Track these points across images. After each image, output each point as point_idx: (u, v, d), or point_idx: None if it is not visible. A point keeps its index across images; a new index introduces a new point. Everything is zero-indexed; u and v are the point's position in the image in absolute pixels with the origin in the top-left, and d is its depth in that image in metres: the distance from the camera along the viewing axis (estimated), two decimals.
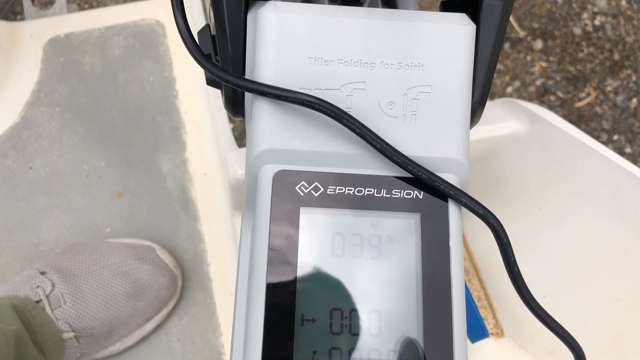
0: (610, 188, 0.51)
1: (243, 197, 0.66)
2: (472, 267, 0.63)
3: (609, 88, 1.62)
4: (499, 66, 1.62)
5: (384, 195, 0.30)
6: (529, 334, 0.58)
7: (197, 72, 0.80)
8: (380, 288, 0.28)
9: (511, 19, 1.63)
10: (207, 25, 0.36)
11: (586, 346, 0.52)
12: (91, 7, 1.70)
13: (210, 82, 0.34)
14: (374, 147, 0.29)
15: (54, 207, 0.77)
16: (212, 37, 0.35)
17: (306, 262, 0.28)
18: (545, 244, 0.56)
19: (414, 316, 0.28)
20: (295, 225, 0.29)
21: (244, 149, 0.63)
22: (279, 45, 0.30)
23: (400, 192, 0.30)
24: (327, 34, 0.30)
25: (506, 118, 0.56)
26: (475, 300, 0.61)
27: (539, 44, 1.63)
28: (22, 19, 1.12)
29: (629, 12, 1.69)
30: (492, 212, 0.31)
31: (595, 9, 1.69)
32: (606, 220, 0.52)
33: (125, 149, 0.79)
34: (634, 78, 1.63)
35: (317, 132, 0.30)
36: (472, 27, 0.31)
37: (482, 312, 0.60)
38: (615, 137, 1.60)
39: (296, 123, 0.30)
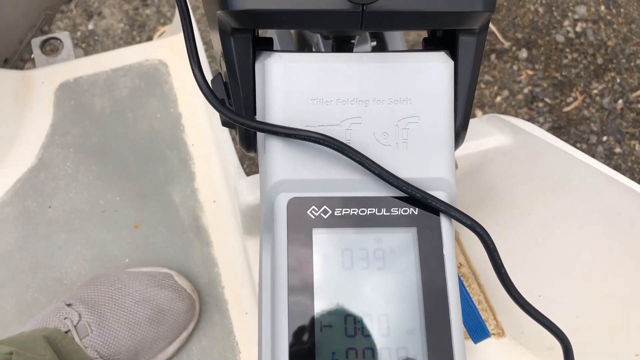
0: (592, 191, 0.56)
1: (255, 221, 0.70)
2: (471, 273, 0.68)
3: (594, 91, 1.66)
4: (488, 77, 1.67)
5: (384, 213, 0.34)
6: (527, 333, 0.63)
7: (201, 107, 0.85)
8: (386, 294, 0.33)
9: (495, 30, 1.69)
10: (219, 74, 0.40)
11: (580, 338, 0.57)
12: (94, 50, 1.75)
13: (225, 124, 0.39)
14: (373, 172, 0.34)
15: (74, 242, 0.81)
16: (225, 83, 0.40)
17: (321, 276, 0.33)
18: (537, 248, 0.60)
19: (416, 317, 0.32)
20: (309, 244, 0.33)
21: (252, 177, 0.68)
22: (285, 91, 0.35)
23: (398, 210, 0.34)
24: (325, 79, 0.35)
25: (492, 132, 0.60)
26: (476, 303, 0.65)
27: (524, 53, 1.68)
28: (31, 66, 1.17)
29: (608, 17, 1.74)
30: (481, 221, 0.35)
31: (576, 16, 1.74)
32: (591, 221, 0.57)
33: (138, 183, 0.83)
34: (618, 80, 1.67)
35: (323, 162, 0.35)
36: (450, 64, 0.36)
37: (483, 315, 0.64)
38: (605, 138, 1.63)
39: (304, 156, 0.35)
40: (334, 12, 0.32)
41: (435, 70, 0.35)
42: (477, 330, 0.57)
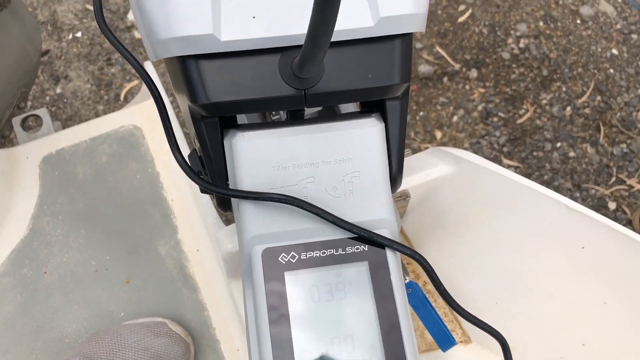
0: (528, 207, 0.64)
1: (236, 265, 0.77)
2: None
3: (544, 101, 1.76)
4: (443, 99, 1.76)
5: (341, 252, 0.42)
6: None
7: (177, 165, 0.92)
8: (349, 319, 0.40)
9: (445, 54, 1.79)
10: (194, 150, 0.48)
11: (534, 334, 0.64)
12: (64, 112, 1.80)
13: (203, 191, 0.47)
14: (328, 220, 0.42)
15: (71, 303, 0.87)
16: (199, 157, 0.47)
17: (295, 310, 0.40)
18: (489, 261, 0.68)
19: (375, 334, 0.40)
20: (283, 285, 0.41)
21: (230, 227, 0.75)
22: (251, 162, 0.43)
23: (351, 248, 0.42)
24: (282, 149, 0.43)
25: (436, 164, 0.69)
26: (442, 316, 0.72)
27: (474, 73, 1.78)
28: (12, 141, 1.23)
29: (547, 32, 1.85)
30: (437, 242, 0.43)
31: (518, 33, 1.85)
32: (529, 233, 0.65)
33: (126, 241, 0.90)
34: (564, 89, 1.78)
35: (287, 217, 0.43)
36: (381, 126, 0.44)
37: (450, 325, 0.72)
38: (559, 144, 1.73)
39: (271, 213, 0.43)
40: (282, 98, 0.40)
41: (368, 133, 0.43)
42: (445, 339, 0.64)
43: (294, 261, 0.42)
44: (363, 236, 0.42)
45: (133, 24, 1.88)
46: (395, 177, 0.46)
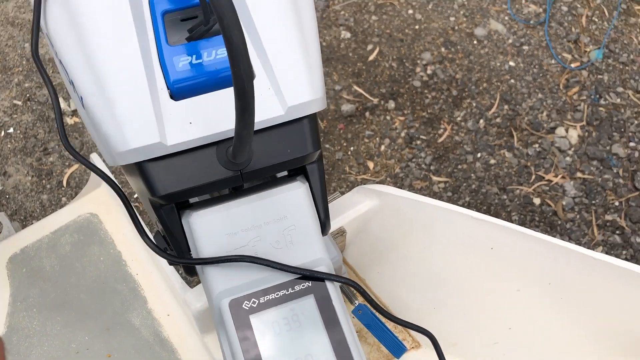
0: (443, 223, 0.76)
1: (207, 321, 0.86)
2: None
3: (458, 118, 1.91)
4: (368, 132, 1.88)
5: (291, 291, 0.53)
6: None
7: (136, 242, 1.01)
8: (307, 343, 0.51)
9: (362, 91, 1.93)
10: (158, 231, 0.58)
11: (470, 329, 0.76)
12: (8, 208, 1.84)
13: (172, 264, 0.56)
14: (277, 268, 0.52)
15: None
16: (163, 236, 0.57)
17: (263, 344, 0.50)
18: (420, 274, 0.80)
19: (328, 350, 0.50)
20: (250, 327, 0.51)
21: (195, 288, 0.84)
22: (207, 234, 0.53)
23: (299, 286, 0.53)
24: (231, 219, 0.54)
25: (362, 200, 0.81)
26: (392, 328, 0.83)
27: (392, 104, 1.92)
28: None
29: (450, 56, 2.02)
30: (377, 264, 0.54)
31: (424, 62, 2.01)
32: (449, 244, 0.77)
33: (100, 319, 0.98)
34: (474, 104, 1.94)
35: (244, 271, 0.53)
36: (305, 186, 0.56)
37: (400, 335, 0.83)
38: (479, 155, 1.88)
39: (231, 271, 0.53)
40: (223, 180, 0.51)
41: (297, 194, 0.55)
42: (396, 347, 0.75)
43: (255, 305, 0.52)
44: (305, 275, 0.53)
45: (65, 112, 1.94)
46: (324, 222, 0.57)
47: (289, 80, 0.51)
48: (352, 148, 1.85)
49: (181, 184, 0.50)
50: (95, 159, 1.02)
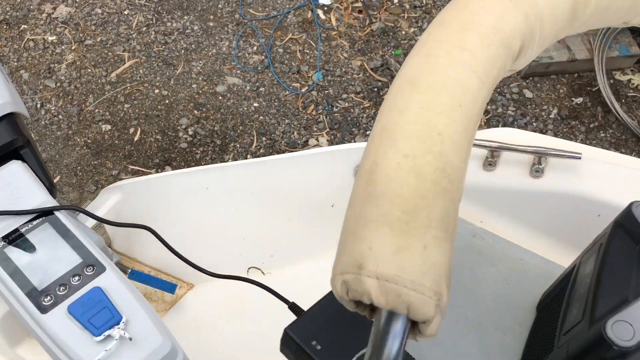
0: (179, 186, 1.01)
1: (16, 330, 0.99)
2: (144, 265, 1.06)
3: (229, 160, 2.18)
4: None
5: (31, 226, 0.72)
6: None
7: None
8: (55, 253, 0.69)
9: (138, 167, 2.13)
10: None
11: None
12: None
13: None
14: (13, 214, 0.72)
15: None
16: None
17: (24, 267, 0.68)
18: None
19: (71, 250, 0.70)
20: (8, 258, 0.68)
21: None
22: None
23: (37, 221, 0.72)
24: None
25: (109, 197, 1.03)
26: (156, 274, 1.03)
27: (168, 169, 2.14)
28: None
29: (204, 115, 2.29)
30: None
31: (184, 126, 2.25)
32: (191, 197, 1.01)
33: None
34: (238, 146, 2.22)
35: None
36: (20, 163, 0.77)
37: (168, 278, 1.04)
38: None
39: None
40: None
41: (14, 168, 0.76)
42: (169, 287, 0.96)
43: (6, 242, 0.71)
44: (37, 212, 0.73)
45: None
46: (50, 188, 0.78)
47: None
48: None
49: None
50: None
